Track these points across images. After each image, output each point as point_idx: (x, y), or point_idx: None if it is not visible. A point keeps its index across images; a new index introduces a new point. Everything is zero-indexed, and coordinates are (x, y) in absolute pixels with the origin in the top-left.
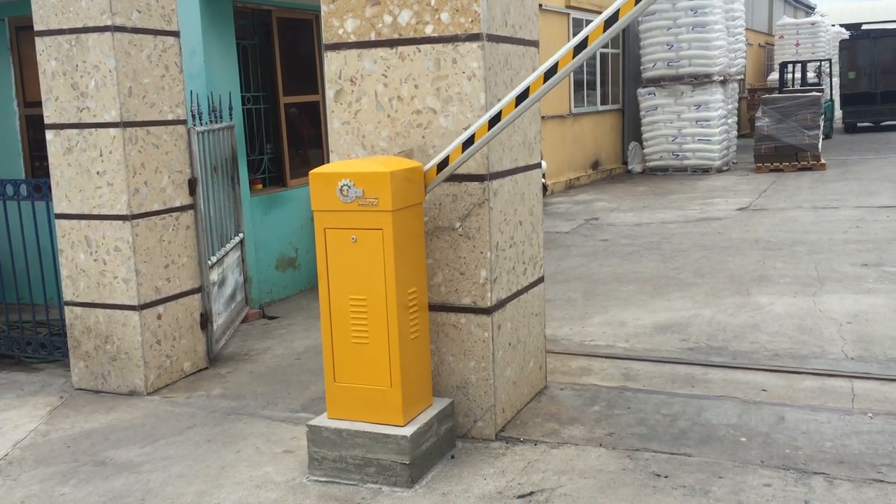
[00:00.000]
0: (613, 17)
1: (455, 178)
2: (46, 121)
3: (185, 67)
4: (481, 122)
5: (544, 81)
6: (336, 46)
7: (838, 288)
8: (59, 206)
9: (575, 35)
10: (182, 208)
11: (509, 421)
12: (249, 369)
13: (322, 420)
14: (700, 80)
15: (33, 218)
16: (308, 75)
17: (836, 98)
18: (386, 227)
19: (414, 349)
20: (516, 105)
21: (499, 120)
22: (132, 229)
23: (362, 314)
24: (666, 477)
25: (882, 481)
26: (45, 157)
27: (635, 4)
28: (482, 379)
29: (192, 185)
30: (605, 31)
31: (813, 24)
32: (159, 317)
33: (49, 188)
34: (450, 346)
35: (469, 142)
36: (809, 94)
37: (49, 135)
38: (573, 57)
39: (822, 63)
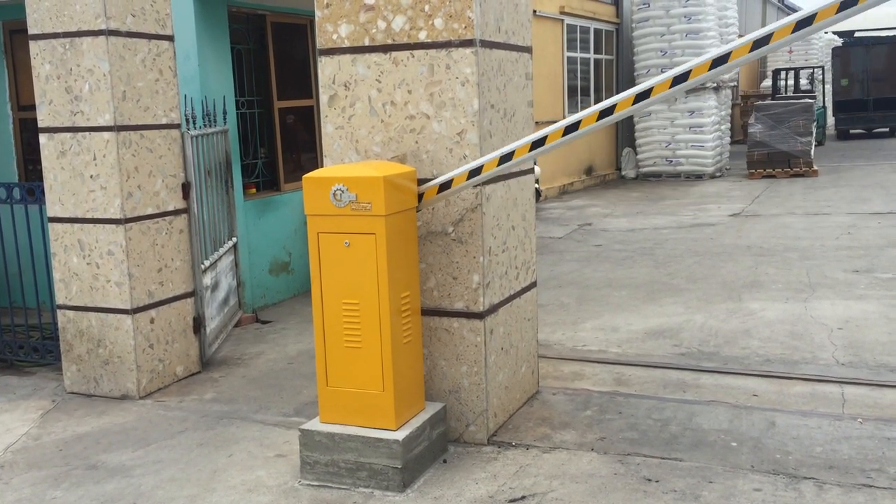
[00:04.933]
0: (645, 94)
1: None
2: (40, 124)
3: (180, 71)
4: (493, 156)
5: (562, 136)
6: (330, 51)
7: (829, 294)
8: (52, 209)
9: (568, 40)
10: (175, 212)
11: (501, 425)
12: (242, 373)
13: (314, 424)
14: (693, 87)
15: (26, 221)
16: (302, 80)
17: (829, 105)
18: (379, 232)
19: (406, 353)
20: (531, 150)
21: (510, 158)
22: (125, 233)
23: (355, 318)
24: (657, 481)
25: (871, 486)
26: (39, 161)
27: (670, 87)
28: (474, 383)
29: (185, 189)
30: (633, 104)
31: None
32: (152, 321)
33: (42, 192)
34: (442, 350)
35: (476, 172)
36: (802, 100)
37: (43, 138)
38: (597, 119)
39: (815, 70)
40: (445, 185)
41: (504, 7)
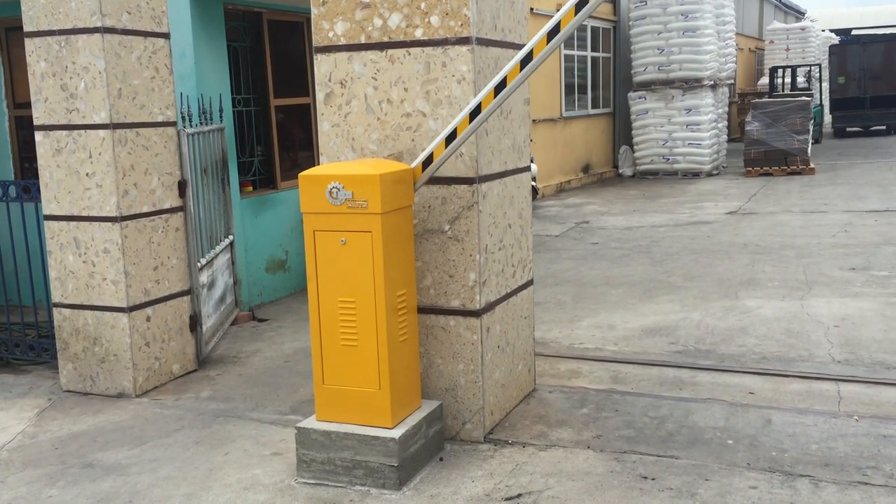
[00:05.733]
0: (583, 2)
1: (444, 180)
2: (36, 122)
3: (176, 69)
4: (462, 115)
5: (521, 70)
6: (326, 49)
7: (826, 292)
8: (47, 207)
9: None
10: (172, 210)
11: (498, 423)
12: (238, 371)
13: (311, 422)
14: (691, 85)
15: (22, 219)
16: (299, 78)
17: (826, 103)
18: (375, 230)
19: (402, 351)
20: (495, 95)
21: (479, 112)
22: (121, 231)
23: (351, 316)
24: (653, 479)
25: (867, 484)
26: (35, 159)
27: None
28: (471, 381)
29: (181, 187)
30: (575, 14)
31: (803, 29)
32: (148, 319)
33: (38, 189)
34: (438, 348)
35: (452, 137)
36: (799, 98)
37: (38, 136)
38: (546, 42)
39: (812, 68)
40: (428, 162)
41: (500, 5)
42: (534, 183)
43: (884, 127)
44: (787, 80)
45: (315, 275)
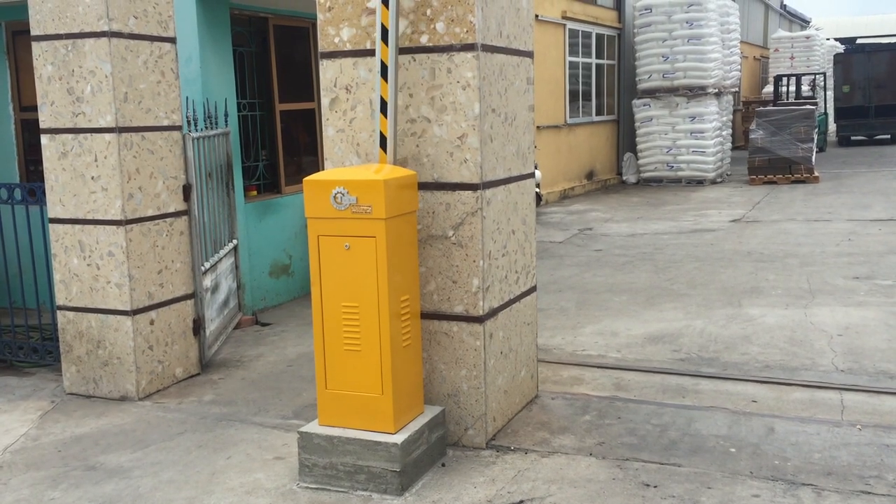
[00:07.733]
0: None
1: (448, 186)
2: (42, 125)
3: (182, 73)
4: (377, 80)
5: (386, 7)
6: (331, 55)
7: (829, 300)
8: (53, 210)
9: (570, 45)
10: (176, 214)
11: (500, 429)
12: (241, 375)
13: (313, 427)
14: (695, 92)
15: (27, 222)
16: (304, 83)
17: (831, 111)
18: (379, 235)
19: (406, 357)
20: (385, 44)
21: (386, 69)
22: (126, 234)
23: (354, 321)
24: (655, 487)
25: (870, 493)
26: (40, 162)
27: None
28: (473, 387)
29: (186, 191)
30: None
31: (808, 37)
32: (152, 322)
33: (43, 192)
34: (442, 354)
35: (384, 106)
36: (804, 107)
37: (44, 139)
38: None
39: (817, 76)
40: (384, 140)
41: (506, 12)
42: (537, 189)
43: (888, 136)
44: (792, 88)
45: (319, 279)
